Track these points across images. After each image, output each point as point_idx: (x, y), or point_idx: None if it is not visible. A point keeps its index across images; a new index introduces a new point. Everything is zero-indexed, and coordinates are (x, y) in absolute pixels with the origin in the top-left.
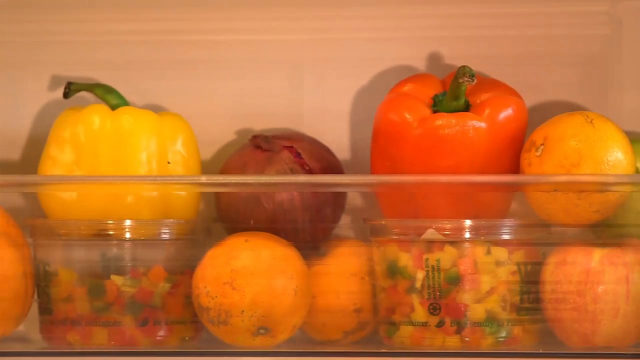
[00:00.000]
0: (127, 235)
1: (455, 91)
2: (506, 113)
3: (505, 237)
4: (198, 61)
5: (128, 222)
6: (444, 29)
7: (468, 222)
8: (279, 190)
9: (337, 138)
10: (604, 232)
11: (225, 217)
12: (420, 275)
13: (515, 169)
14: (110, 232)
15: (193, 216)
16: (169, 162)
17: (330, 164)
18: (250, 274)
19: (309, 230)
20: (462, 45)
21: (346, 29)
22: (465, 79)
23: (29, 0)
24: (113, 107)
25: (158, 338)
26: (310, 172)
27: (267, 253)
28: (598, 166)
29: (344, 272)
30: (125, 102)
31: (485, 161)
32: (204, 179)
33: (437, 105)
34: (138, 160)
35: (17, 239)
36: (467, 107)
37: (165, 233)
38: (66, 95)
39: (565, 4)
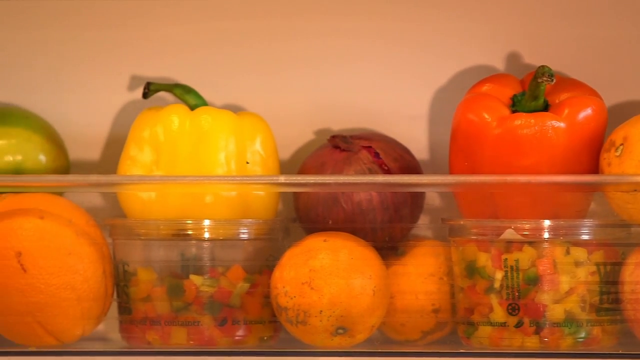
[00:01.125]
0: (206, 235)
1: (534, 91)
2: (585, 113)
3: (585, 237)
4: (277, 61)
5: (207, 222)
6: (523, 28)
7: (547, 222)
8: (357, 190)
9: (415, 138)
10: None
11: (303, 217)
12: (499, 275)
13: (595, 169)
14: (189, 232)
15: (272, 216)
16: (247, 162)
17: (408, 164)
18: (329, 274)
19: (387, 230)
20: (541, 45)
21: (425, 29)
22: (545, 78)
23: (108, 3)
24: (192, 107)
25: (237, 338)
26: (388, 172)
27: (346, 253)
28: None
29: (422, 272)
30: (204, 102)
31: (564, 161)
32: (282, 179)
33: (516, 105)
34: (217, 160)
35: (97, 239)
36: (546, 107)
37: (244, 233)
38: (145, 95)
39: None
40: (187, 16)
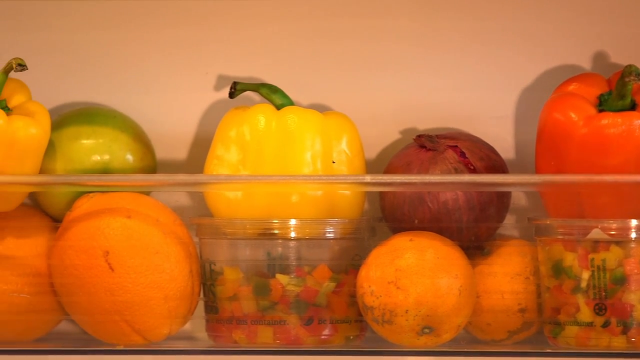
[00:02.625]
0: (292, 234)
1: (621, 90)
2: None
3: None
4: (363, 60)
5: (293, 222)
6: (610, 27)
7: (634, 222)
8: (443, 189)
9: (501, 137)
10: None
11: (389, 217)
12: (585, 275)
13: None
14: (276, 231)
15: (357, 215)
16: (333, 162)
17: (494, 163)
18: (415, 273)
19: (473, 229)
20: (628, 44)
21: (511, 29)
22: (632, 77)
23: (197, 3)
24: (278, 107)
25: (323, 337)
26: (474, 171)
27: (432, 252)
28: None
29: (508, 272)
30: (290, 102)
31: None
32: (368, 178)
33: (603, 105)
34: (303, 159)
35: (184, 238)
36: (633, 107)
37: (330, 232)
38: (232, 95)
39: None
40: (274, 16)
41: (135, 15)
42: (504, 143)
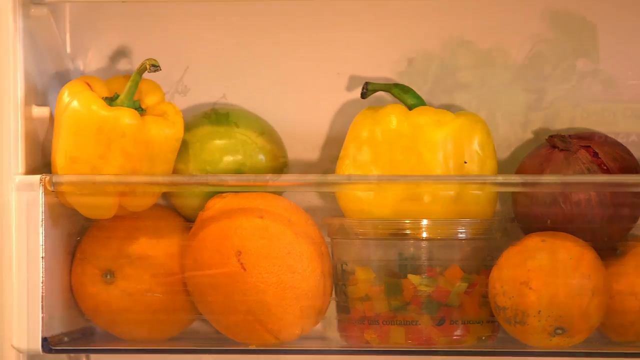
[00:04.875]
0: (424, 234)
1: None
2: None
3: None
4: (496, 60)
5: (425, 222)
6: None
7: None
8: (576, 190)
9: (633, 138)
10: None
11: (521, 217)
12: None
13: None
14: (407, 232)
15: (489, 215)
16: (465, 162)
17: (628, 163)
18: (547, 274)
19: (606, 230)
20: None
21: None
22: None
23: (327, 3)
24: (410, 107)
25: (455, 337)
26: (607, 172)
27: (564, 253)
28: None
29: None
30: (422, 102)
31: None
32: (500, 178)
33: None
34: (435, 159)
35: (316, 238)
36: None
37: (461, 232)
38: (364, 95)
39: None
40: (405, 15)
41: (268, 17)
42: (636, 143)
